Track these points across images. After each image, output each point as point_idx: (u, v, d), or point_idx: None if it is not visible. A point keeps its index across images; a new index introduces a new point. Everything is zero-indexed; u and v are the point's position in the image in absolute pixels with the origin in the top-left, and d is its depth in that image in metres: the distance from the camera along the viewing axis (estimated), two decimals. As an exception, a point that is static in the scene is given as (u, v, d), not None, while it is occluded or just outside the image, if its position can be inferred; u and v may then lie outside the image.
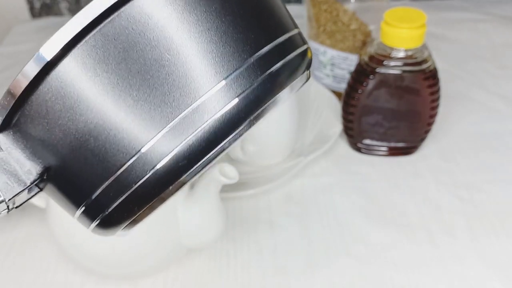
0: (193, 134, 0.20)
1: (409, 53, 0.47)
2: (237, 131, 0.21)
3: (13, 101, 0.20)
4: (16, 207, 0.23)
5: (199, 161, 0.21)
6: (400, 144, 0.53)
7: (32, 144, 0.21)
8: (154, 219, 0.38)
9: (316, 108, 0.59)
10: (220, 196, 0.39)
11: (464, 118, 0.59)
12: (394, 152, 0.54)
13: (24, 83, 0.20)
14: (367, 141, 0.54)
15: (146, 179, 0.21)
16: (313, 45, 0.60)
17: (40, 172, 0.22)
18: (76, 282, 0.44)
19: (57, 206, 0.39)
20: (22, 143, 0.22)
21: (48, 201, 0.40)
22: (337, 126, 0.55)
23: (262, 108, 0.21)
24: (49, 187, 0.23)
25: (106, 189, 0.21)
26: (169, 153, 0.20)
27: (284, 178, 0.50)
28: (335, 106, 0.57)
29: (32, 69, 0.20)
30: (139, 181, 0.21)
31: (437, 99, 0.50)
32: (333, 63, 0.59)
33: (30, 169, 0.22)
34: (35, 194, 0.24)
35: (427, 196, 0.50)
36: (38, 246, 0.47)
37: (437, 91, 0.50)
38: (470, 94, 0.63)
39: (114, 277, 0.42)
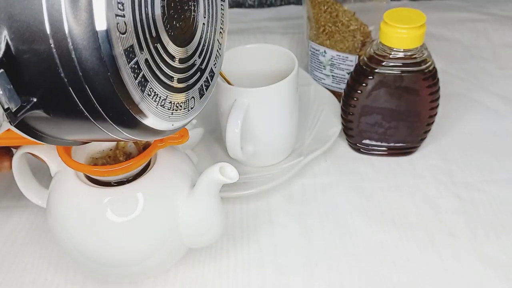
0: None
1: (409, 53, 0.48)
2: None
3: None
4: (15, 115, 0.24)
5: None
6: (400, 144, 0.54)
7: None
8: (155, 219, 0.38)
9: (316, 108, 0.59)
10: (220, 196, 0.40)
11: (463, 118, 0.59)
12: (393, 152, 0.54)
13: None
14: (367, 141, 0.54)
15: None
16: (313, 45, 0.60)
17: (4, 44, 0.23)
18: (76, 282, 0.44)
19: (57, 206, 0.39)
20: None
21: (48, 201, 0.40)
22: (337, 126, 0.55)
23: None
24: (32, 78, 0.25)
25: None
26: None
27: (284, 178, 0.50)
28: (335, 106, 0.57)
29: None
30: None
31: (437, 99, 0.50)
32: (333, 64, 0.59)
33: None
34: (30, 106, 0.25)
35: (427, 196, 0.50)
36: (38, 246, 0.47)
37: (437, 91, 0.50)
38: (470, 94, 0.63)
39: (115, 277, 0.42)
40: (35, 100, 0.25)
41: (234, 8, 0.87)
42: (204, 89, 0.33)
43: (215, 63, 0.34)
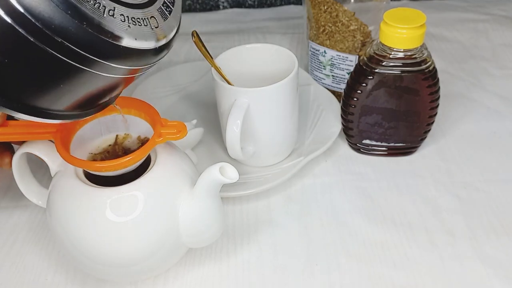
0: None
1: (409, 53, 0.48)
2: None
3: None
4: None
5: None
6: (400, 144, 0.54)
7: None
8: (155, 219, 0.38)
9: (316, 108, 0.59)
10: (220, 196, 0.40)
11: (463, 118, 0.59)
12: (393, 152, 0.54)
13: None
14: (367, 141, 0.54)
15: None
16: (313, 45, 0.60)
17: None
18: (76, 282, 0.44)
19: (57, 205, 0.39)
20: None
21: (48, 201, 0.40)
22: (337, 126, 0.55)
23: None
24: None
25: None
26: None
27: (284, 178, 0.50)
28: (335, 106, 0.58)
29: None
30: None
31: (437, 99, 0.50)
32: (333, 64, 0.59)
33: None
34: None
35: (426, 196, 0.50)
36: (38, 246, 0.47)
37: (437, 91, 0.50)
38: (470, 94, 0.63)
39: (114, 276, 0.42)
40: None
41: (234, 8, 0.87)
42: (167, 13, 0.33)
43: None
